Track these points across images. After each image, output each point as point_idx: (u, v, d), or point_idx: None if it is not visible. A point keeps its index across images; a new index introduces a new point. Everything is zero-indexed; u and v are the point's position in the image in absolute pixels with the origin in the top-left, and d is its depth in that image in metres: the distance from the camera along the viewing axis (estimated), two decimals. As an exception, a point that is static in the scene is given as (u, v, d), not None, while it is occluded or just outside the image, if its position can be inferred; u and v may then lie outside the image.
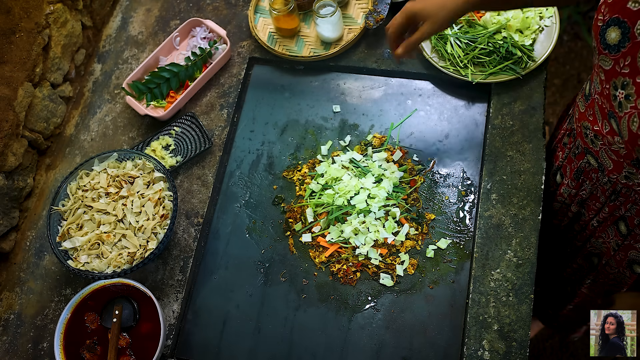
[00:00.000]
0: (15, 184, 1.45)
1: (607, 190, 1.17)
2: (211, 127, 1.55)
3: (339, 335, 1.29)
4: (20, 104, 1.43)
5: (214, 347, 1.33)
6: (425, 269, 1.32)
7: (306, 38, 1.61)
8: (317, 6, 1.50)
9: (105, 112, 1.63)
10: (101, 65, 1.72)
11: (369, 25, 1.53)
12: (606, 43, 0.95)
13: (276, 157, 1.51)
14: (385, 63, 1.55)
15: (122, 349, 1.26)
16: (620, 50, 0.92)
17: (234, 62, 1.63)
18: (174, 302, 1.37)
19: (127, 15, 1.78)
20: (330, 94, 1.57)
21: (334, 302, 1.32)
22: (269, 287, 1.36)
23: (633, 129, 0.90)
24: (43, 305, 1.41)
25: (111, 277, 1.27)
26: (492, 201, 1.34)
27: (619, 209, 1.19)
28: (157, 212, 1.34)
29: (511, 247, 1.29)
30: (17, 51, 1.44)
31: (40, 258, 1.46)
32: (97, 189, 1.37)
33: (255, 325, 1.33)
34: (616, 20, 0.93)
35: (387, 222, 1.34)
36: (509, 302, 1.24)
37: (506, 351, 1.20)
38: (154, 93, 1.58)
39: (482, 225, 1.32)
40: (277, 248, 1.40)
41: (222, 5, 1.73)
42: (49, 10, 1.51)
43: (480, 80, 1.43)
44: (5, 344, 1.38)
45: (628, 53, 0.91)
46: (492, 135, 1.41)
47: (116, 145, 1.57)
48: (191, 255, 1.41)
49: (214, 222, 1.46)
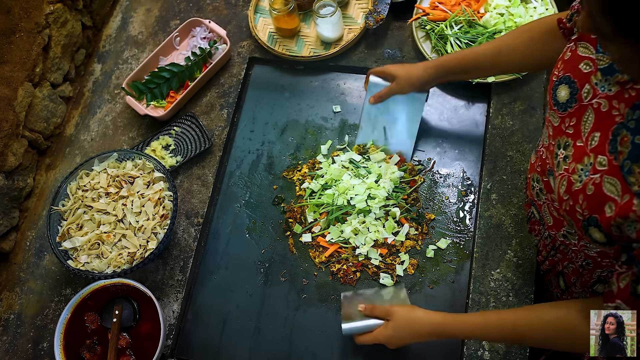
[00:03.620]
0: (15, 184, 1.45)
1: (547, 245, 1.15)
2: (211, 127, 1.55)
3: (339, 335, 1.29)
4: (20, 104, 1.43)
5: (214, 347, 1.33)
6: (425, 269, 1.32)
7: (306, 38, 1.61)
8: (317, 6, 1.50)
9: (105, 112, 1.63)
10: (101, 65, 1.72)
11: (369, 25, 1.53)
12: (556, 99, 0.94)
13: (276, 157, 1.51)
14: (385, 63, 1.55)
15: (122, 349, 1.26)
16: (568, 109, 0.91)
17: (234, 62, 1.63)
18: (174, 302, 1.37)
19: (127, 15, 1.78)
20: (330, 94, 1.57)
21: (334, 302, 1.32)
22: (269, 287, 1.36)
23: (561, 192, 0.89)
24: (43, 305, 1.41)
25: (111, 277, 1.27)
26: (492, 201, 1.34)
27: (557, 264, 1.16)
28: (157, 212, 1.34)
29: (511, 247, 1.29)
30: (17, 51, 1.44)
31: (40, 258, 1.46)
32: (97, 189, 1.37)
33: (255, 325, 1.33)
34: (567, 79, 0.91)
35: (387, 222, 1.34)
36: (509, 302, 1.24)
37: (506, 351, 1.20)
38: (154, 93, 1.58)
39: (482, 225, 1.32)
40: (277, 248, 1.40)
41: (222, 5, 1.73)
42: (49, 10, 1.51)
43: (480, 80, 1.43)
44: (5, 344, 1.38)
45: (574, 114, 0.89)
46: (492, 135, 1.41)
47: (116, 145, 1.57)
48: (191, 255, 1.41)
49: (214, 222, 1.46)
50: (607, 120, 0.82)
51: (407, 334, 1.10)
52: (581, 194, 0.83)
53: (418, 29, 1.54)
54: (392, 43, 1.57)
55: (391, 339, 1.12)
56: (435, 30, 1.50)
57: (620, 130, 0.79)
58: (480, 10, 1.51)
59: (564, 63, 0.93)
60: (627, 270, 0.80)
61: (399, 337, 1.11)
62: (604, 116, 0.83)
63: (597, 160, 0.82)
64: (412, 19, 1.54)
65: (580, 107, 0.88)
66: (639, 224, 0.74)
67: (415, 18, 1.54)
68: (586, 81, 0.87)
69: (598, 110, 0.84)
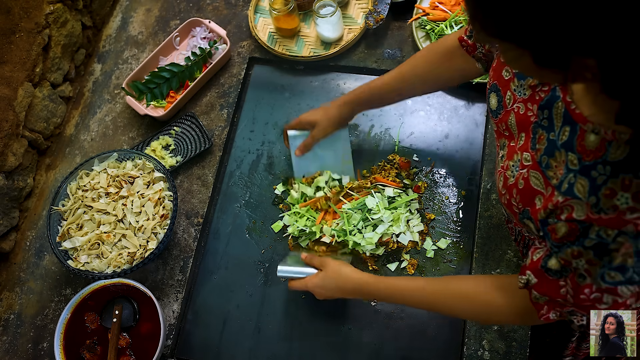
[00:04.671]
0: (15, 184, 1.45)
1: (520, 243, 1.17)
2: (211, 127, 1.55)
3: (339, 335, 1.29)
4: (20, 104, 1.43)
5: (214, 347, 1.33)
6: (425, 269, 1.32)
7: (306, 38, 1.61)
8: (317, 6, 1.50)
9: (105, 112, 1.63)
10: (101, 65, 1.72)
11: (369, 25, 1.53)
12: (490, 107, 0.97)
13: (276, 157, 1.51)
14: (385, 63, 1.55)
15: (122, 349, 1.26)
16: (498, 116, 0.94)
17: (234, 62, 1.63)
18: (174, 302, 1.37)
19: (127, 15, 1.78)
20: (330, 94, 1.57)
21: (334, 301, 1.32)
22: (269, 287, 1.36)
23: (499, 187, 0.93)
24: (43, 305, 1.41)
25: (111, 277, 1.27)
26: (492, 201, 1.34)
27: None
28: (157, 212, 1.34)
29: (511, 247, 1.29)
30: (17, 51, 1.44)
31: (40, 258, 1.46)
32: (97, 189, 1.37)
33: (255, 325, 1.33)
34: (495, 87, 0.94)
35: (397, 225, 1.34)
36: (509, 302, 1.24)
37: (506, 351, 1.20)
38: (154, 93, 1.58)
39: (482, 225, 1.32)
40: (277, 248, 1.40)
41: (222, 5, 1.73)
42: (49, 10, 1.51)
43: (480, 80, 1.43)
44: (5, 344, 1.38)
45: (503, 119, 0.93)
46: (492, 135, 1.41)
47: (116, 145, 1.57)
48: (191, 255, 1.41)
49: (214, 222, 1.46)
50: (526, 121, 0.86)
51: (334, 286, 1.15)
52: (514, 188, 0.88)
53: (418, 29, 1.54)
54: (392, 43, 1.57)
55: (319, 288, 1.16)
56: (435, 30, 1.50)
57: (537, 129, 0.84)
58: (480, 10, 1.51)
59: (493, 71, 0.96)
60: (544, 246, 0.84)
61: (327, 288, 1.16)
62: (522, 118, 0.87)
63: (523, 156, 0.86)
64: (412, 19, 1.54)
65: (506, 112, 0.92)
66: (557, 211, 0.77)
67: (415, 18, 1.54)
68: (507, 88, 0.91)
69: (517, 113, 0.89)
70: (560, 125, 0.79)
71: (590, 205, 0.72)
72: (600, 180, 0.71)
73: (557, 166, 0.79)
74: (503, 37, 0.63)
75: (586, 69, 0.60)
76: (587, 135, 0.74)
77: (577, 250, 0.75)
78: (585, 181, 0.73)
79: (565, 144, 0.78)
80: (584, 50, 0.58)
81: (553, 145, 0.80)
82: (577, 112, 0.76)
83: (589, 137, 0.74)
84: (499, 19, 0.61)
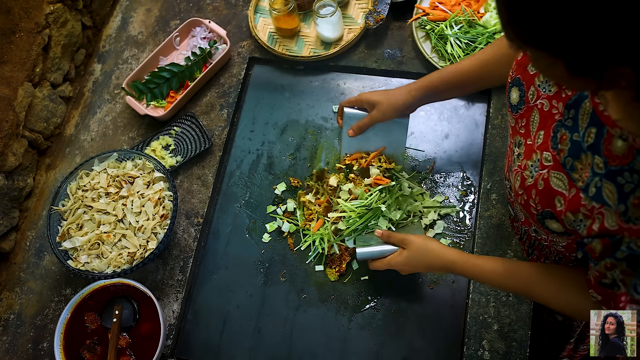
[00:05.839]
0: (15, 184, 1.45)
1: (525, 242, 1.17)
2: (211, 127, 1.55)
3: (339, 335, 1.29)
4: (20, 104, 1.43)
5: (214, 347, 1.33)
6: (425, 269, 1.32)
7: (306, 38, 1.61)
8: (317, 6, 1.50)
9: (105, 112, 1.63)
10: (101, 65, 1.72)
11: (369, 25, 1.53)
12: (510, 102, 0.95)
13: (276, 157, 1.51)
14: (385, 63, 1.55)
15: (122, 349, 1.26)
16: (519, 111, 0.93)
17: (234, 62, 1.63)
18: (174, 302, 1.37)
19: (127, 15, 1.78)
20: (330, 94, 1.57)
21: (334, 302, 1.32)
22: (269, 287, 1.36)
23: (516, 187, 0.92)
24: (43, 305, 1.41)
25: (111, 277, 1.27)
26: (492, 201, 1.34)
27: (537, 261, 1.17)
28: (157, 212, 1.34)
29: (511, 247, 1.29)
30: (17, 51, 1.44)
31: (40, 258, 1.46)
32: (97, 189, 1.37)
33: (255, 325, 1.33)
34: (518, 81, 0.93)
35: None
36: (509, 302, 1.24)
37: (506, 351, 1.20)
38: (154, 93, 1.58)
39: (482, 225, 1.32)
40: (277, 248, 1.40)
41: (222, 5, 1.73)
42: (49, 10, 1.51)
43: (480, 80, 1.43)
44: (5, 344, 1.38)
45: (524, 115, 0.91)
46: (492, 135, 1.41)
47: (116, 145, 1.57)
48: (191, 255, 1.41)
49: (214, 222, 1.46)
50: (549, 119, 0.85)
51: (421, 263, 1.14)
52: (533, 189, 0.87)
53: (418, 29, 1.54)
54: (392, 43, 1.57)
55: (405, 266, 1.15)
56: (435, 30, 1.50)
57: (559, 128, 0.83)
58: (480, 10, 1.51)
59: (517, 64, 0.94)
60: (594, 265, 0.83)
61: (413, 265, 1.15)
62: (546, 115, 0.86)
63: (543, 156, 0.85)
64: (412, 19, 1.54)
65: (528, 108, 0.91)
66: (588, 220, 0.77)
67: (415, 18, 1.54)
68: (531, 83, 0.90)
69: (541, 110, 0.87)
70: (585, 126, 0.78)
71: (619, 214, 0.71)
72: (628, 189, 0.70)
73: (582, 169, 0.78)
74: (536, 46, 0.62)
75: (621, 77, 0.59)
76: (615, 140, 0.73)
77: (609, 262, 0.75)
78: (612, 187, 0.72)
79: (591, 146, 0.77)
80: (621, 58, 0.57)
81: (578, 147, 0.79)
82: (606, 115, 0.74)
83: (616, 143, 0.72)
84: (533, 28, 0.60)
